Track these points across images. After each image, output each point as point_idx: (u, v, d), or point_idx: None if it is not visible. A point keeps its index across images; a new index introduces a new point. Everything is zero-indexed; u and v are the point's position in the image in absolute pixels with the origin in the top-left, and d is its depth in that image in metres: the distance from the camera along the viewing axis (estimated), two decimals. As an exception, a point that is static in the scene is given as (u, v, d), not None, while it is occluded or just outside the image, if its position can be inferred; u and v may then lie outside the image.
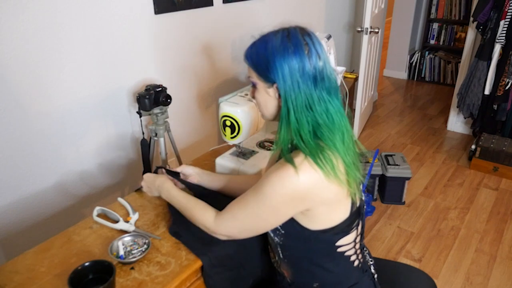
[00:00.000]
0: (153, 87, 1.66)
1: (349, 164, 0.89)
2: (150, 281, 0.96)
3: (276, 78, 0.87)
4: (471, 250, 2.15)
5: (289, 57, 0.85)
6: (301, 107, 0.87)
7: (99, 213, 1.20)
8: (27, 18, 1.41)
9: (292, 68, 0.85)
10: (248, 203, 0.93)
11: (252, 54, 0.92)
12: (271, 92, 0.91)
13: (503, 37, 2.71)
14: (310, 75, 0.86)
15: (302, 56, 0.85)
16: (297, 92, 0.86)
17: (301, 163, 0.85)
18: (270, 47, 0.87)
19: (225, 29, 2.31)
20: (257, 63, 0.91)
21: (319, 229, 0.93)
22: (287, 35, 0.87)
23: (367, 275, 1.07)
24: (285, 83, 0.86)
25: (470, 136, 3.43)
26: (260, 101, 0.96)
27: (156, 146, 1.91)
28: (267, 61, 0.87)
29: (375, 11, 3.09)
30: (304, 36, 0.87)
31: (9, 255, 1.55)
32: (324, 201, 0.89)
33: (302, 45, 0.86)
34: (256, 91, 0.95)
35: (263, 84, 0.92)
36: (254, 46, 0.92)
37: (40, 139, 1.57)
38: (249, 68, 0.94)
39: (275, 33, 0.90)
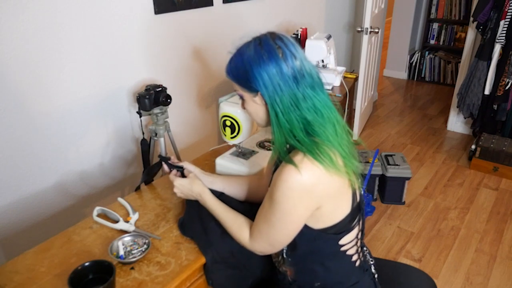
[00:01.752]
0: (153, 87, 1.66)
1: (345, 155, 0.91)
2: (150, 281, 0.96)
3: (258, 86, 0.90)
4: (471, 250, 2.15)
5: (264, 64, 0.88)
6: (288, 108, 0.89)
7: (99, 213, 1.20)
8: (27, 18, 1.41)
9: (271, 74, 0.88)
10: (266, 214, 0.95)
11: (231, 69, 0.96)
12: (257, 100, 0.94)
13: (503, 37, 2.71)
14: (290, 76, 0.88)
15: (278, 60, 0.88)
16: (280, 94, 0.88)
17: (301, 161, 0.86)
18: (246, 59, 0.91)
19: (225, 29, 2.31)
20: (237, 76, 0.94)
21: (323, 227, 0.95)
22: (259, 43, 0.91)
23: (367, 275, 1.07)
24: (267, 89, 0.89)
25: (470, 136, 3.43)
26: (250, 111, 0.99)
27: (156, 146, 1.91)
28: (245, 72, 0.91)
29: (375, 11, 3.09)
30: (275, 40, 0.90)
31: (9, 255, 1.55)
32: (330, 195, 0.91)
33: (275, 49, 0.89)
34: (244, 102, 0.99)
35: (248, 94, 0.95)
36: (232, 61, 0.96)
37: (40, 139, 1.57)
38: (233, 83, 0.97)
39: (248, 44, 0.93)
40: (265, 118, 0.97)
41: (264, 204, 0.97)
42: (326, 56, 2.32)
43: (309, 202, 0.90)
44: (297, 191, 0.87)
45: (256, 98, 0.94)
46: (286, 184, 0.87)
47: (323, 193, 0.89)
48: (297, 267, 1.03)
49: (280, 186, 0.88)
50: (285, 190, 0.88)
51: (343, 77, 2.54)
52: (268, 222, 0.95)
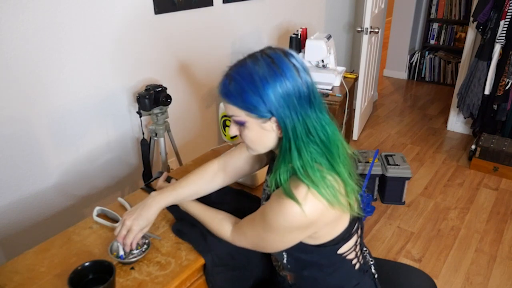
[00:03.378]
0: (153, 87, 1.66)
1: (346, 179, 0.86)
2: (150, 281, 0.96)
3: (273, 110, 0.80)
4: (471, 250, 2.15)
5: (283, 84, 0.78)
6: (301, 134, 0.81)
7: (99, 213, 1.20)
8: (27, 18, 1.41)
9: (288, 93, 0.79)
10: (256, 227, 0.93)
11: (235, 92, 0.81)
12: (267, 126, 0.83)
13: (503, 37, 2.71)
14: (305, 95, 0.81)
15: (294, 78, 0.80)
16: (295, 118, 0.80)
17: (305, 198, 0.80)
18: (259, 79, 0.78)
19: (225, 29, 2.31)
20: (245, 100, 0.80)
21: (320, 243, 0.93)
22: (272, 61, 0.80)
23: (367, 275, 1.07)
24: (285, 112, 0.80)
25: (470, 136, 3.42)
26: (251, 137, 0.87)
27: (156, 146, 1.91)
28: (259, 95, 0.79)
29: (375, 11, 3.09)
30: (287, 56, 0.82)
31: (9, 255, 1.55)
32: (328, 223, 0.88)
33: (290, 66, 0.80)
34: (245, 129, 0.86)
35: (256, 120, 0.83)
36: (234, 82, 0.81)
37: (40, 139, 1.57)
38: (231, 108, 0.84)
39: (254, 62, 0.81)
40: (272, 144, 0.88)
41: (255, 216, 0.94)
42: (326, 56, 2.32)
43: (306, 231, 0.88)
44: (295, 224, 0.84)
45: (267, 124, 0.83)
46: (283, 216, 0.83)
47: (321, 223, 0.87)
48: (297, 273, 1.03)
49: (277, 215, 0.84)
50: (281, 220, 0.84)
51: (343, 77, 2.54)
52: (257, 234, 0.93)
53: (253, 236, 0.95)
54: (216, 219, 1.06)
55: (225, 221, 1.05)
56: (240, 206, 1.16)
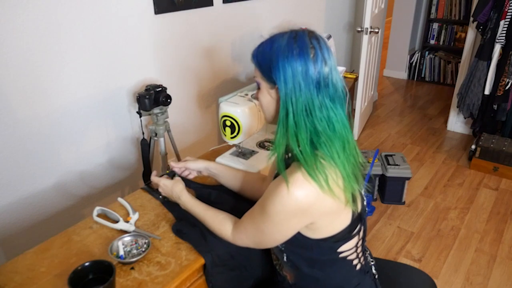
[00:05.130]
0: (153, 87, 1.66)
1: (346, 176, 0.87)
2: (150, 281, 0.96)
3: (277, 79, 0.85)
4: (471, 250, 2.15)
5: (292, 59, 0.83)
6: (301, 111, 0.84)
7: (99, 213, 1.20)
8: (27, 18, 1.41)
9: (295, 70, 0.83)
10: (254, 219, 0.95)
11: (258, 53, 0.90)
12: (272, 93, 0.90)
13: (503, 37, 2.71)
14: (314, 80, 0.83)
15: (307, 59, 0.83)
16: (298, 95, 0.83)
17: (297, 180, 0.83)
18: (276, 47, 0.85)
19: (225, 29, 2.31)
20: (261, 62, 0.89)
21: (320, 237, 0.93)
22: (294, 36, 0.85)
23: (368, 276, 1.07)
24: (286, 85, 0.84)
25: (470, 136, 3.42)
26: (262, 102, 0.94)
27: (156, 146, 1.91)
28: (270, 60, 0.86)
29: (375, 11, 3.09)
30: (311, 39, 0.85)
31: (9, 255, 1.55)
32: (325, 212, 0.88)
33: (308, 48, 0.83)
34: (259, 92, 0.94)
35: (266, 84, 0.90)
36: (261, 46, 0.90)
37: (40, 139, 1.57)
38: (254, 68, 0.92)
39: (282, 34, 0.88)
40: (273, 114, 0.94)
41: (254, 208, 0.96)
42: (326, 56, 2.32)
43: (302, 219, 0.88)
44: (291, 209, 0.85)
45: (272, 91, 0.90)
46: (279, 200, 0.85)
47: (318, 212, 0.87)
48: (297, 272, 1.03)
49: (273, 201, 0.86)
50: (277, 205, 0.86)
51: (343, 77, 2.54)
52: (256, 227, 0.95)
53: (253, 230, 0.96)
54: (217, 219, 1.07)
55: (226, 220, 1.05)
56: (239, 206, 1.16)
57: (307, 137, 0.85)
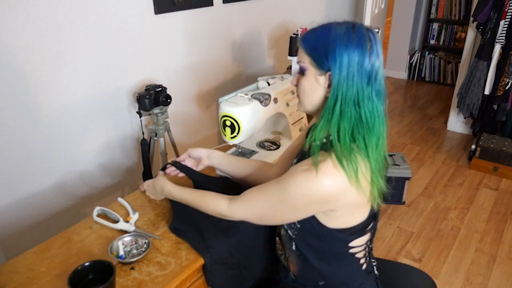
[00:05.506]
0: (153, 87, 1.66)
1: (375, 170, 0.88)
2: (150, 281, 0.96)
3: (332, 66, 0.85)
4: (471, 250, 2.15)
5: (351, 48, 0.83)
6: (350, 101, 0.85)
7: (99, 213, 1.20)
8: (27, 18, 1.41)
9: (352, 60, 0.83)
10: (269, 196, 0.93)
11: (310, 38, 0.89)
12: (321, 80, 0.89)
13: (503, 37, 2.71)
14: (367, 71, 0.84)
15: (364, 51, 0.84)
16: (349, 84, 0.84)
17: (326, 167, 0.84)
18: (333, 34, 0.85)
19: (225, 29, 2.31)
20: (315, 47, 0.87)
21: (336, 227, 0.93)
22: (352, 27, 0.86)
23: (371, 276, 1.07)
24: (341, 73, 0.84)
25: (470, 136, 3.42)
26: (305, 88, 0.92)
27: (156, 146, 1.91)
28: (327, 47, 0.85)
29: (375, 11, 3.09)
30: (368, 32, 0.86)
31: (9, 255, 1.55)
32: (347, 203, 0.89)
33: (366, 40, 0.84)
34: (303, 77, 0.92)
35: (315, 70, 0.89)
36: (314, 31, 0.89)
37: (40, 139, 1.57)
38: (301, 53, 0.91)
39: (338, 23, 0.88)
40: (317, 102, 0.92)
41: (268, 185, 0.94)
42: (326, 56, 2.32)
43: (323, 205, 0.88)
44: (315, 194, 0.85)
45: (321, 78, 0.88)
46: (305, 183, 0.85)
47: (340, 202, 0.87)
48: (304, 263, 1.02)
49: (298, 183, 0.86)
50: (303, 188, 0.85)
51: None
52: (268, 203, 0.94)
53: (261, 205, 0.95)
54: (209, 195, 1.07)
55: (218, 196, 1.05)
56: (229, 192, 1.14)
57: (349, 127, 0.86)
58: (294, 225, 0.98)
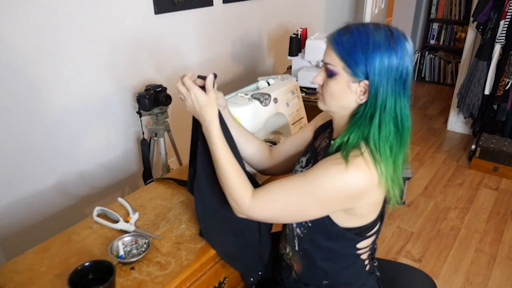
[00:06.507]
0: (153, 87, 1.66)
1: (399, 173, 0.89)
2: (150, 281, 0.96)
3: (371, 74, 0.82)
4: (471, 250, 2.15)
5: (391, 57, 0.81)
6: (389, 109, 0.84)
7: (99, 213, 1.20)
8: (27, 18, 1.41)
9: (392, 69, 0.82)
10: (295, 190, 0.88)
11: (346, 43, 0.84)
12: (353, 87, 0.85)
13: (503, 37, 2.71)
14: (404, 79, 0.84)
15: (402, 59, 0.82)
16: (389, 94, 0.83)
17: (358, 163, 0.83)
18: (373, 42, 0.81)
19: (225, 29, 2.31)
20: (351, 54, 0.83)
21: (348, 226, 0.93)
22: (391, 34, 0.82)
23: (373, 277, 1.07)
24: (381, 83, 0.82)
25: (470, 136, 3.42)
26: (334, 92, 0.88)
27: (156, 146, 1.91)
28: (366, 55, 0.81)
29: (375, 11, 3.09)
30: (405, 39, 0.84)
31: (9, 255, 1.55)
32: (369, 202, 0.89)
33: (404, 48, 0.83)
34: (332, 80, 0.88)
35: (348, 77, 0.85)
36: (349, 35, 0.84)
37: (40, 139, 1.57)
38: (332, 55, 0.86)
39: (376, 28, 0.83)
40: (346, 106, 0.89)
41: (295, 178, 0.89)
42: (326, 56, 2.32)
43: (348, 202, 0.87)
44: (344, 189, 0.84)
45: (354, 85, 0.85)
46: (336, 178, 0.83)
47: (365, 199, 0.87)
48: (308, 263, 1.02)
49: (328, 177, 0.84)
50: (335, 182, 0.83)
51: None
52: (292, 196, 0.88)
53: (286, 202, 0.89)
54: (242, 176, 0.94)
55: (248, 183, 0.94)
56: None
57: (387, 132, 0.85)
58: (305, 223, 0.97)
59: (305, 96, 2.20)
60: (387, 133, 0.85)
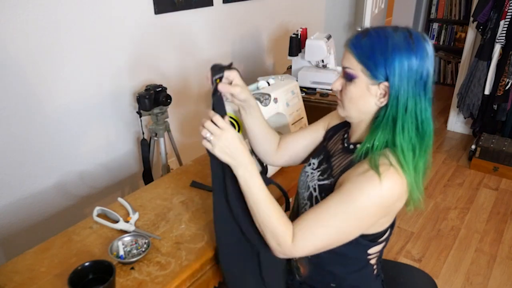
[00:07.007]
0: (153, 87, 1.66)
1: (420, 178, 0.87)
2: (150, 281, 0.96)
3: (391, 77, 0.81)
4: (471, 250, 2.15)
5: (412, 58, 0.80)
6: (410, 111, 0.83)
7: (99, 213, 1.20)
8: (27, 18, 1.41)
9: (412, 70, 0.81)
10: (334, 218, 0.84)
11: (364, 46, 0.84)
12: (373, 89, 0.85)
13: (503, 37, 2.71)
14: (424, 81, 0.82)
15: (423, 60, 0.81)
16: (410, 96, 0.82)
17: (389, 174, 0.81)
18: (392, 44, 0.81)
19: (225, 29, 2.31)
20: (370, 56, 0.83)
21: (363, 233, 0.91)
22: (410, 35, 0.82)
23: (379, 279, 1.07)
24: (401, 84, 0.81)
25: (470, 136, 3.42)
26: (354, 96, 0.87)
27: (156, 146, 1.91)
28: (385, 57, 0.81)
29: (375, 11, 3.09)
30: (425, 40, 0.83)
31: (9, 255, 1.55)
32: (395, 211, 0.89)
33: (425, 49, 0.82)
34: (351, 84, 0.87)
35: (367, 79, 0.84)
36: (368, 37, 0.84)
37: (41, 139, 1.57)
38: (350, 59, 0.86)
39: (394, 30, 0.83)
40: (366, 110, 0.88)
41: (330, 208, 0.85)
42: (326, 56, 2.32)
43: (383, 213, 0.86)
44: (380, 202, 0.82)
45: (374, 87, 0.84)
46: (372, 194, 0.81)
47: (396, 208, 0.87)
48: (317, 266, 1.01)
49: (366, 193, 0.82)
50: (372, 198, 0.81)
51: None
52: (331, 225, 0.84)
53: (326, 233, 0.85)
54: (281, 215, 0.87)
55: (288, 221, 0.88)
56: None
57: (410, 138, 0.84)
58: None
59: (305, 96, 2.20)
60: (409, 137, 0.84)
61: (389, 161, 0.83)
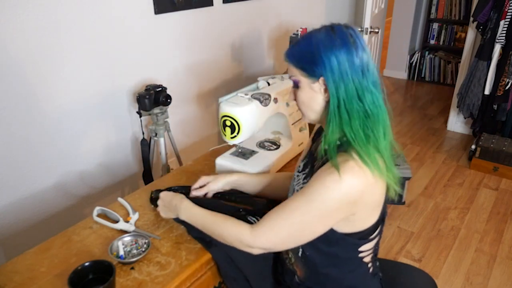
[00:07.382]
0: (153, 87, 1.66)
1: (387, 160, 0.88)
2: (150, 281, 0.96)
3: (323, 70, 0.86)
4: (471, 250, 2.15)
5: (336, 49, 0.85)
6: (352, 98, 0.85)
7: (99, 213, 1.20)
8: (27, 18, 1.42)
9: (340, 59, 0.85)
10: (295, 210, 0.89)
11: (294, 52, 0.92)
12: (316, 87, 0.90)
13: (503, 37, 2.71)
14: (358, 66, 0.85)
15: (349, 48, 0.85)
16: (346, 81, 0.85)
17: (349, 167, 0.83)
18: (315, 42, 0.87)
19: (225, 29, 2.31)
20: (300, 59, 0.90)
21: (348, 232, 0.92)
22: (331, 29, 0.87)
23: (376, 278, 1.07)
24: (334, 75, 0.85)
25: (470, 136, 3.42)
26: (304, 99, 0.93)
27: (156, 146, 1.91)
28: (312, 55, 0.87)
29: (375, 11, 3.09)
30: (348, 29, 0.87)
31: (9, 255, 1.55)
32: (369, 204, 0.89)
33: (348, 37, 0.86)
34: (298, 90, 0.93)
35: (307, 80, 0.90)
36: (296, 44, 0.92)
37: (40, 139, 1.57)
38: (290, 68, 0.93)
39: (318, 30, 0.90)
40: (319, 109, 0.92)
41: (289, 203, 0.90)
42: (326, 56, 2.32)
43: (348, 208, 0.87)
44: (341, 197, 0.84)
45: (315, 85, 0.89)
46: (331, 188, 0.83)
47: (364, 202, 0.87)
48: (311, 268, 1.02)
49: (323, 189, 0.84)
50: (329, 193, 0.84)
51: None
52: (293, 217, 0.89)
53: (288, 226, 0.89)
54: (230, 219, 0.98)
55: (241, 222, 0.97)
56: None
57: (359, 123, 0.86)
58: None
59: (305, 96, 2.19)
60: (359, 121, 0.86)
61: (348, 155, 0.85)
